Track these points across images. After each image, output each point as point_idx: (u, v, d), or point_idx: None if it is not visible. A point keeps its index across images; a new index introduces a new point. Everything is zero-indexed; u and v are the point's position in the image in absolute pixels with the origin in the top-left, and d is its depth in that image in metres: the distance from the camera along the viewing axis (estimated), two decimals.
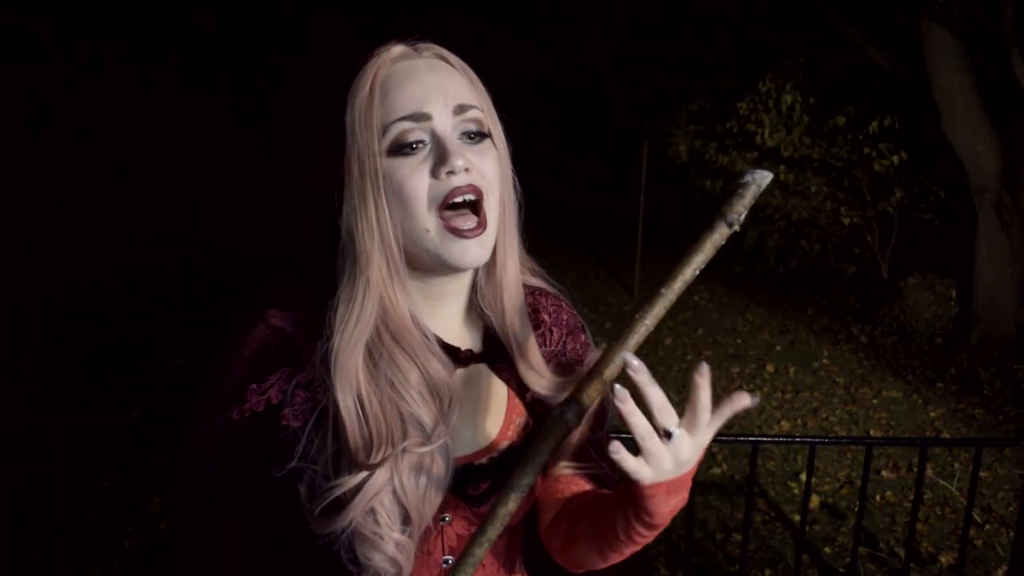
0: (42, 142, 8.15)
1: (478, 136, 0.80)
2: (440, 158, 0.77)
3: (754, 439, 2.17)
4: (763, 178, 0.60)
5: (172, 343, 5.51)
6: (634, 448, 0.68)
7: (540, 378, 0.88)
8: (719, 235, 0.61)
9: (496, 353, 0.89)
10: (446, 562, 0.85)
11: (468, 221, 0.78)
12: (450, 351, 0.85)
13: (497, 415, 0.88)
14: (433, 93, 0.78)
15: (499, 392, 0.89)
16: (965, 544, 2.29)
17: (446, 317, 0.88)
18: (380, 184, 0.76)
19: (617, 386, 0.65)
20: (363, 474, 0.75)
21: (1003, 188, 5.80)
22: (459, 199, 0.77)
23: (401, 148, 0.77)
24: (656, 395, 0.65)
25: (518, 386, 0.90)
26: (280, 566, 0.83)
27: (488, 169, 0.80)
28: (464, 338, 0.89)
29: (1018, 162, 5.71)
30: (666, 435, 0.66)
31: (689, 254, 0.62)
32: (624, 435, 1.00)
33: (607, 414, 0.93)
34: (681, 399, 0.68)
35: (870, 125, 6.61)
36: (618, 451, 0.64)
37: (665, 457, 0.67)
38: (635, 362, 0.64)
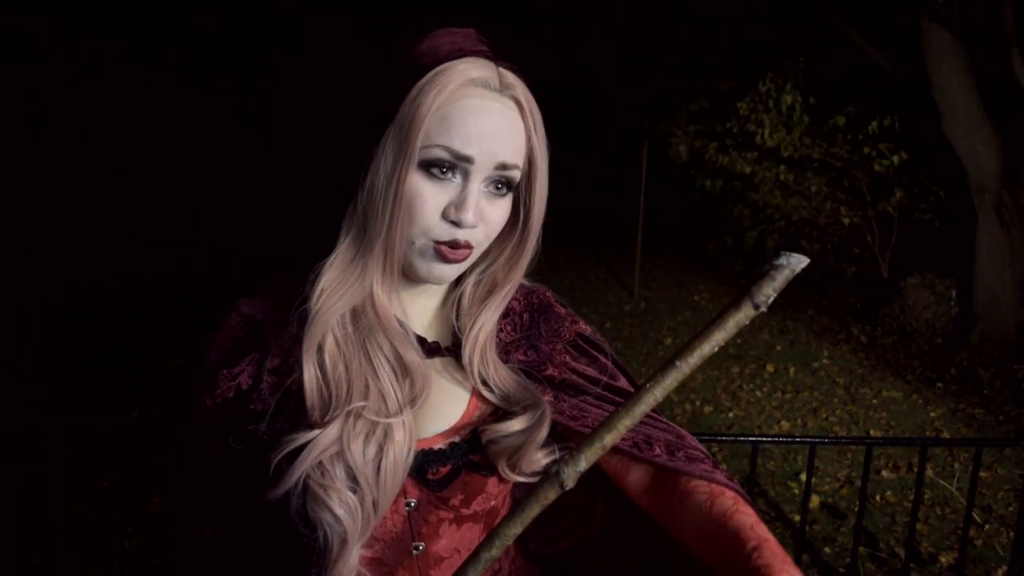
0: (42, 142, 8.14)
1: (503, 187, 0.83)
2: (457, 204, 0.79)
3: (754, 439, 2.16)
4: (798, 263, 0.56)
5: (172, 343, 5.51)
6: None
7: (497, 378, 0.90)
8: (744, 315, 0.57)
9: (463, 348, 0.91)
10: (416, 548, 0.87)
11: (457, 247, 0.81)
12: (418, 341, 0.87)
13: (459, 404, 0.90)
14: (488, 141, 0.78)
15: (464, 383, 0.91)
16: (965, 544, 2.29)
17: (421, 310, 0.92)
18: (403, 186, 0.78)
19: None
20: (316, 431, 0.78)
21: (1003, 188, 5.80)
22: (447, 254, 0.80)
23: (431, 171, 0.78)
24: None
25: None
26: (258, 548, 0.85)
27: (494, 220, 0.83)
28: (434, 331, 0.92)
29: (1018, 162, 5.71)
30: None
31: (710, 330, 0.58)
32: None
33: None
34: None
35: (870, 125, 6.60)
36: None
37: None
38: None
